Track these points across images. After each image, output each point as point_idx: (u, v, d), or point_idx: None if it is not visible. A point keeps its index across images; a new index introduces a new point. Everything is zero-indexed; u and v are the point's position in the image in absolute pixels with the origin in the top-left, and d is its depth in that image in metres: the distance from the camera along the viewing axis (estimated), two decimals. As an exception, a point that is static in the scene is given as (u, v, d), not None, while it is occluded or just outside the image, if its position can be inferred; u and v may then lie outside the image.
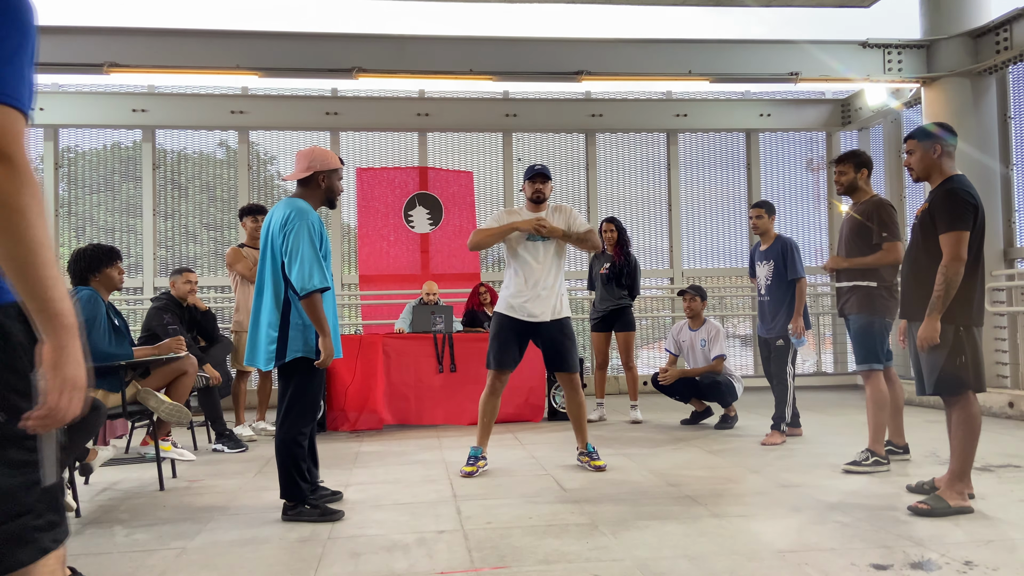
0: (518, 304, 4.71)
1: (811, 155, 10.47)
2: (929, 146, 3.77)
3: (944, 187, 3.70)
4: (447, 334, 6.80)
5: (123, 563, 3.08)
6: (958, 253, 3.56)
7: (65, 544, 1.46)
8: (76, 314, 1.34)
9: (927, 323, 3.61)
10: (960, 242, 3.56)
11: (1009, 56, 7.38)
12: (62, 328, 1.31)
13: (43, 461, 1.40)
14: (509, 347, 4.73)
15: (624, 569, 2.85)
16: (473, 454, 4.71)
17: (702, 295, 6.70)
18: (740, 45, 8.15)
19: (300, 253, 3.57)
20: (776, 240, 5.74)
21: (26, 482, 1.36)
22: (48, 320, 1.30)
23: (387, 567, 2.95)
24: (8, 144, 1.24)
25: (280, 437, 3.73)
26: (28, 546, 1.36)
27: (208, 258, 9.60)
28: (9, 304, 1.35)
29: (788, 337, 5.58)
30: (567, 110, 9.85)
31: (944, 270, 3.57)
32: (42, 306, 1.29)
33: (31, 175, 1.27)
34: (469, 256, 9.37)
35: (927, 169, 3.81)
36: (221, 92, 9.38)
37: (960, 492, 3.59)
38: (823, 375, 10.06)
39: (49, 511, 1.39)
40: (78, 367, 1.33)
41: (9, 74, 1.26)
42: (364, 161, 9.65)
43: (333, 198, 3.88)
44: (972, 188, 3.69)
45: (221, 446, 5.73)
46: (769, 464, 4.78)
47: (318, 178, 3.79)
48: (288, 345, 3.65)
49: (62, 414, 1.31)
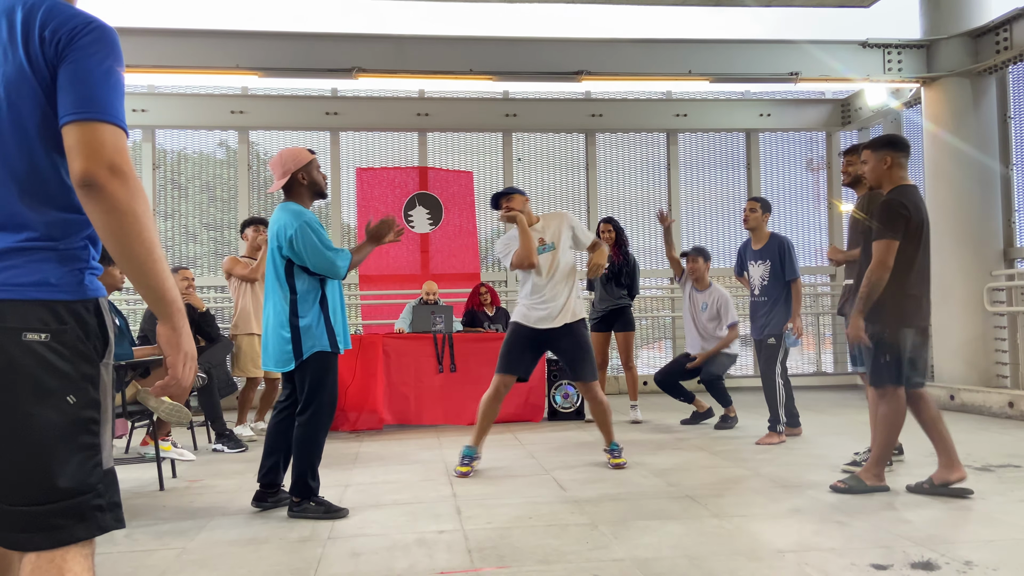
0: (527, 312, 4.76)
1: (811, 155, 10.48)
2: (880, 157, 4.02)
3: (885, 197, 3.96)
4: (447, 334, 6.80)
5: (123, 563, 3.08)
6: (884, 260, 3.82)
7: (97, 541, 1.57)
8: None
9: (852, 320, 3.96)
10: (888, 250, 3.82)
11: (1009, 56, 7.38)
12: (177, 312, 1.56)
13: (103, 445, 1.55)
14: (518, 354, 4.77)
15: (624, 569, 2.85)
16: (467, 454, 4.70)
17: (705, 255, 6.72)
18: (740, 45, 8.14)
19: (315, 251, 3.69)
20: (771, 239, 5.67)
21: (91, 464, 1.52)
22: (165, 306, 1.54)
23: (387, 567, 2.95)
24: (122, 161, 1.45)
25: (299, 434, 3.77)
26: (86, 523, 1.50)
27: (208, 258, 9.60)
28: (89, 300, 1.54)
29: (779, 336, 5.52)
30: (567, 110, 9.85)
31: (869, 274, 3.86)
32: (159, 295, 1.52)
33: (139, 184, 1.48)
34: (469, 256, 9.37)
35: (878, 178, 4.06)
36: (221, 92, 9.38)
37: (878, 475, 3.96)
38: (823, 375, 10.06)
39: (109, 492, 1.54)
40: (190, 342, 1.59)
41: (116, 100, 1.49)
42: (364, 161, 9.64)
43: (320, 189, 3.93)
44: (913, 199, 3.90)
45: (221, 446, 5.73)
46: (769, 464, 4.78)
47: (298, 176, 3.85)
48: (303, 343, 3.73)
49: (185, 380, 1.58)
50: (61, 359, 1.48)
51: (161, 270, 1.50)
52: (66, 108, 1.46)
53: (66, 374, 1.49)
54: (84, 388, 1.51)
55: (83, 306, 1.53)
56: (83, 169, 1.43)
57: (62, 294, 1.51)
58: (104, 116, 1.46)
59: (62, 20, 1.49)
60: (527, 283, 4.80)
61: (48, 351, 1.47)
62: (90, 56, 1.48)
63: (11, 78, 1.48)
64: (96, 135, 1.44)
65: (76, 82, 1.46)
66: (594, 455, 5.19)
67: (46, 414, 1.47)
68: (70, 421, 1.49)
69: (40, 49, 1.48)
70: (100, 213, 1.44)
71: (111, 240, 1.46)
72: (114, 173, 1.43)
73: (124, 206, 1.44)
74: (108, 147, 1.44)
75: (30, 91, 1.48)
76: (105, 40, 1.50)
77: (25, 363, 1.46)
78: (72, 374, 1.50)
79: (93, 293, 1.56)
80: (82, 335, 1.52)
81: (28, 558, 1.48)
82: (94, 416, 1.53)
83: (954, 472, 3.90)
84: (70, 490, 1.48)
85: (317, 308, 3.77)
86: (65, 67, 1.47)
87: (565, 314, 4.73)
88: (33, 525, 1.47)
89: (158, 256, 1.49)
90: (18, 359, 1.46)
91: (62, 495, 1.47)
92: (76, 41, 1.48)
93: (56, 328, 1.49)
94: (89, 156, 1.43)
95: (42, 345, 1.47)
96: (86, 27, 1.49)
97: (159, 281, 1.51)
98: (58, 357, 1.48)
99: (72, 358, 1.50)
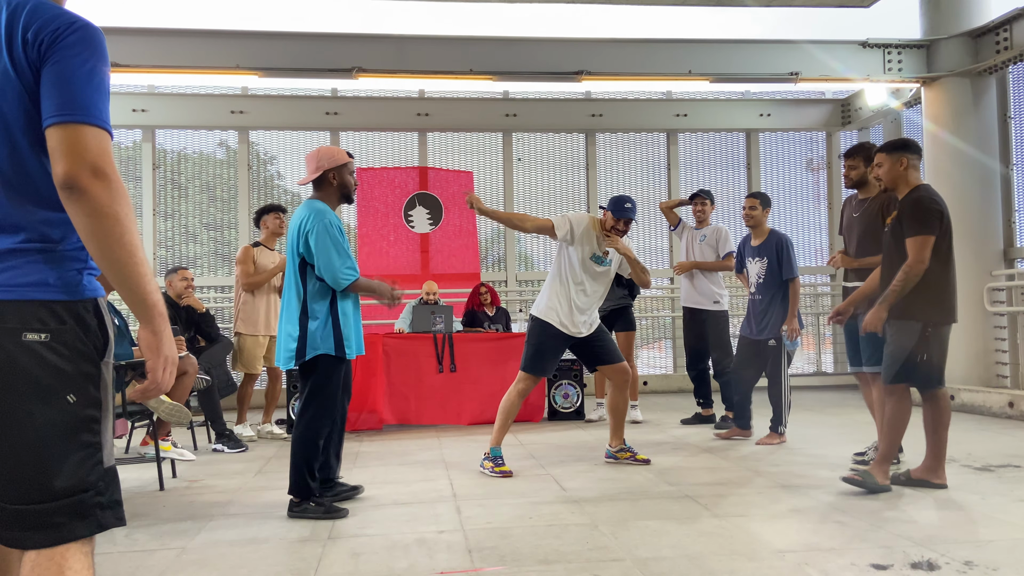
0: (566, 319, 4.70)
1: (811, 155, 10.47)
2: (896, 159, 4.06)
3: (911, 195, 3.99)
4: (447, 334, 6.80)
5: (123, 563, 3.07)
6: (921, 256, 3.84)
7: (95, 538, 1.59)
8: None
9: (876, 309, 3.94)
10: (924, 246, 3.85)
11: (1009, 56, 7.38)
12: (158, 316, 1.55)
13: (104, 444, 1.57)
14: (552, 356, 4.80)
15: (624, 569, 2.85)
16: (498, 454, 4.69)
17: (711, 198, 6.78)
18: (740, 45, 8.14)
19: (326, 253, 3.68)
20: (770, 236, 5.60)
21: (92, 462, 1.53)
22: (146, 310, 1.53)
23: (387, 567, 2.95)
24: (105, 163, 1.45)
25: (297, 434, 3.78)
26: (87, 520, 1.51)
27: (208, 258, 9.60)
28: (88, 299, 1.56)
29: (780, 337, 5.49)
30: (567, 110, 9.85)
31: (907, 269, 3.86)
32: (140, 299, 1.51)
33: (123, 187, 1.48)
34: (469, 256, 9.37)
35: (894, 180, 4.10)
36: (221, 92, 9.37)
37: (885, 472, 3.99)
38: (823, 375, 10.06)
39: (109, 490, 1.56)
40: (171, 346, 1.59)
41: (100, 101, 1.48)
42: (364, 161, 9.64)
43: (348, 193, 3.96)
44: (937, 196, 4.00)
45: (221, 446, 5.73)
46: (769, 464, 4.78)
47: (329, 176, 3.87)
48: (307, 344, 3.72)
49: (164, 385, 1.59)
50: (61, 359, 1.49)
51: (143, 273, 1.50)
52: (49, 110, 1.45)
53: (66, 373, 1.50)
54: (84, 387, 1.52)
55: (82, 306, 1.54)
56: (65, 172, 1.42)
57: (61, 294, 1.52)
58: (87, 118, 1.45)
59: (45, 21, 1.48)
60: (570, 287, 4.72)
61: (48, 351, 1.48)
62: (73, 57, 1.47)
63: None
64: (79, 137, 1.44)
65: (59, 83, 1.45)
66: (594, 455, 5.19)
67: (47, 413, 1.48)
68: (71, 420, 1.50)
69: (23, 51, 1.47)
70: (82, 216, 1.44)
71: (92, 242, 1.46)
72: (96, 176, 1.43)
73: (106, 209, 1.44)
74: (91, 150, 1.44)
75: (15, 93, 1.48)
76: (88, 40, 1.49)
77: (25, 363, 1.47)
78: (72, 373, 1.51)
79: (92, 293, 1.57)
80: (82, 334, 1.53)
81: (28, 556, 1.49)
82: (95, 415, 1.54)
83: (936, 477, 4.02)
84: (71, 488, 1.49)
85: (327, 310, 3.75)
86: (48, 68, 1.46)
87: (596, 319, 4.89)
88: (34, 523, 1.47)
89: (140, 259, 1.49)
90: (18, 359, 1.47)
91: (63, 493, 1.48)
92: (59, 42, 1.47)
93: (56, 328, 1.49)
94: (71, 158, 1.42)
95: (42, 345, 1.48)
96: (69, 27, 1.48)
97: (140, 284, 1.50)
98: (58, 357, 1.49)
99: (72, 357, 1.51)
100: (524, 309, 8.95)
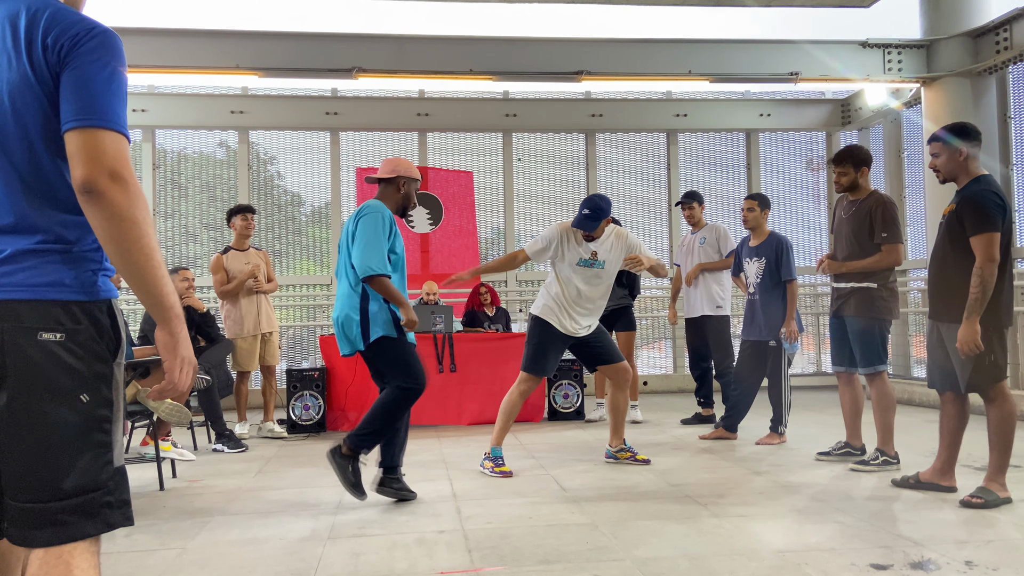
0: (565, 319, 4.72)
1: (811, 155, 10.47)
2: (955, 148, 3.81)
3: (972, 188, 3.75)
4: (447, 334, 6.80)
5: (123, 563, 3.07)
6: (991, 254, 3.60)
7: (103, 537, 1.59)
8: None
9: (967, 326, 3.62)
10: (991, 243, 3.61)
11: (1009, 56, 7.38)
12: (175, 318, 1.58)
13: (115, 443, 1.58)
14: (555, 356, 4.80)
15: (624, 569, 2.85)
16: (499, 454, 4.71)
17: (698, 199, 6.73)
18: (740, 45, 8.14)
19: (364, 239, 3.76)
20: (770, 237, 5.59)
21: (103, 461, 1.55)
22: (163, 312, 1.56)
23: (387, 567, 2.95)
24: (122, 167, 1.47)
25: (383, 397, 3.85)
26: (95, 519, 1.53)
27: (208, 258, 9.57)
28: (103, 300, 1.58)
29: (780, 339, 5.48)
30: (567, 110, 9.85)
31: (980, 271, 3.60)
32: (157, 301, 1.54)
33: (140, 191, 1.50)
34: (469, 256, 9.37)
35: (954, 171, 3.86)
36: (221, 92, 9.38)
37: (1002, 484, 3.70)
38: (823, 375, 10.06)
39: (119, 490, 1.57)
40: (188, 348, 1.61)
41: (118, 106, 1.51)
42: (364, 161, 9.65)
43: (407, 204, 4.09)
44: (999, 189, 3.75)
45: (221, 446, 5.73)
46: (769, 464, 4.78)
47: (399, 182, 4.02)
48: (370, 328, 3.82)
49: (181, 385, 1.61)
50: (75, 358, 1.51)
51: (160, 276, 1.53)
52: (68, 115, 1.48)
53: (80, 373, 1.52)
54: (98, 387, 1.54)
55: (96, 307, 1.56)
56: (84, 176, 1.45)
57: (76, 295, 1.54)
58: (105, 123, 1.48)
59: (65, 26, 1.50)
60: (567, 289, 4.72)
61: (63, 350, 1.50)
62: (92, 62, 1.49)
63: (15, 85, 1.50)
64: (97, 142, 1.46)
65: (78, 88, 1.48)
66: (594, 455, 5.19)
67: (60, 412, 1.49)
68: (84, 419, 1.52)
69: (43, 56, 1.49)
70: (100, 219, 1.47)
71: (111, 246, 1.49)
72: (114, 180, 1.46)
73: (124, 212, 1.46)
74: (109, 154, 1.47)
75: (34, 98, 1.50)
76: (108, 45, 1.52)
77: (40, 362, 1.49)
78: (86, 373, 1.52)
79: (106, 294, 1.59)
80: (96, 335, 1.55)
81: (36, 554, 1.50)
82: (107, 415, 1.56)
83: (945, 480, 3.95)
84: (81, 487, 1.51)
85: (381, 296, 3.85)
86: (67, 73, 1.49)
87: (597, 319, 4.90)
88: (43, 521, 1.49)
89: (157, 262, 1.52)
90: (34, 358, 1.48)
91: (73, 492, 1.50)
92: (78, 47, 1.49)
93: (71, 328, 1.51)
94: (90, 163, 1.45)
95: (57, 344, 1.50)
96: (88, 33, 1.51)
97: (158, 287, 1.53)
98: (73, 356, 1.51)
99: (86, 357, 1.53)
100: (524, 309, 8.95)
